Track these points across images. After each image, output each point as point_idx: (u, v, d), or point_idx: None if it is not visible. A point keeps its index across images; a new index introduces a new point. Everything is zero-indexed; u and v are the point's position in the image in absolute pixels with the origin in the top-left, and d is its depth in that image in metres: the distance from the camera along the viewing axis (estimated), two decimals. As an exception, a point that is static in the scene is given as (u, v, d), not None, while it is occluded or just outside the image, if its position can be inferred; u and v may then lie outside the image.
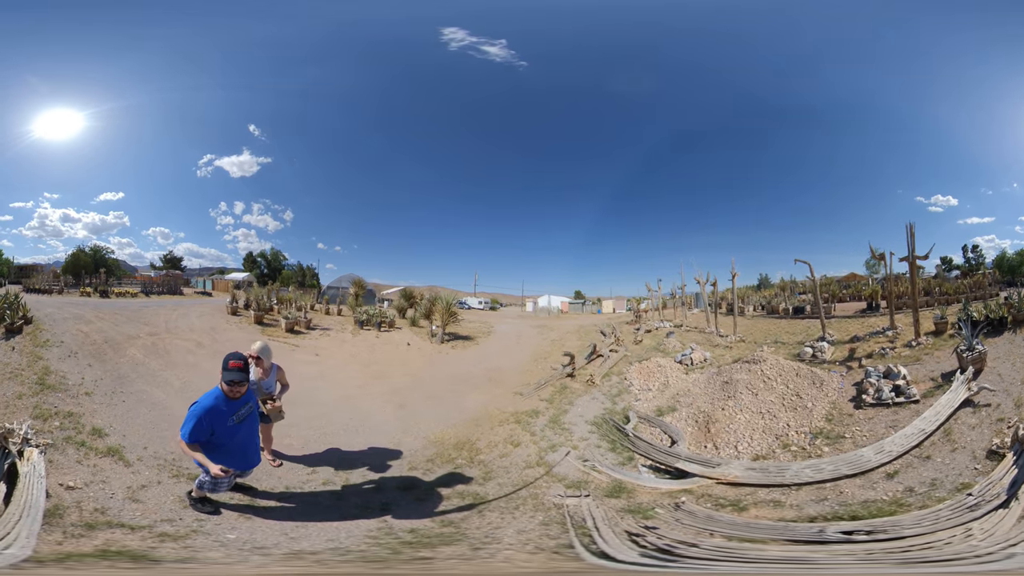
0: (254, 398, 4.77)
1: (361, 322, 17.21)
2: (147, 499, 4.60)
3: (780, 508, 4.87)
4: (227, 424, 4.30)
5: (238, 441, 4.45)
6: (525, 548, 4.03)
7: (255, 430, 4.78)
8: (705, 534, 4.20)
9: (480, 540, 4.20)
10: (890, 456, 5.48)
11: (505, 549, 4.01)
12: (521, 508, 4.97)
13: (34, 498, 3.70)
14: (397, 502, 5.06)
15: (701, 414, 7.94)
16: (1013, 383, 6.47)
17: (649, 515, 4.71)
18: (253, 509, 4.66)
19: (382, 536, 4.26)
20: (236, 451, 4.45)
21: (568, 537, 4.18)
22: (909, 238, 10.38)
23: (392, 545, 4.08)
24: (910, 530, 3.85)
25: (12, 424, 4.42)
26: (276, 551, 3.93)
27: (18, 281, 19.53)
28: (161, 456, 5.55)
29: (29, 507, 3.58)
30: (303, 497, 5.09)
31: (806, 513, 4.65)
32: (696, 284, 17.82)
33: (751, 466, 6.00)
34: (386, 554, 3.91)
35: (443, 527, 4.51)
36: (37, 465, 4.09)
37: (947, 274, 22.74)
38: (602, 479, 5.82)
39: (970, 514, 3.91)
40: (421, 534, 4.33)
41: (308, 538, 4.20)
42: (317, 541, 4.15)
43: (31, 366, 7.52)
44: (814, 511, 4.67)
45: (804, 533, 4.07)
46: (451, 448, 6.81)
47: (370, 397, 9.40)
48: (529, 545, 4.09)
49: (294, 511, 4.75)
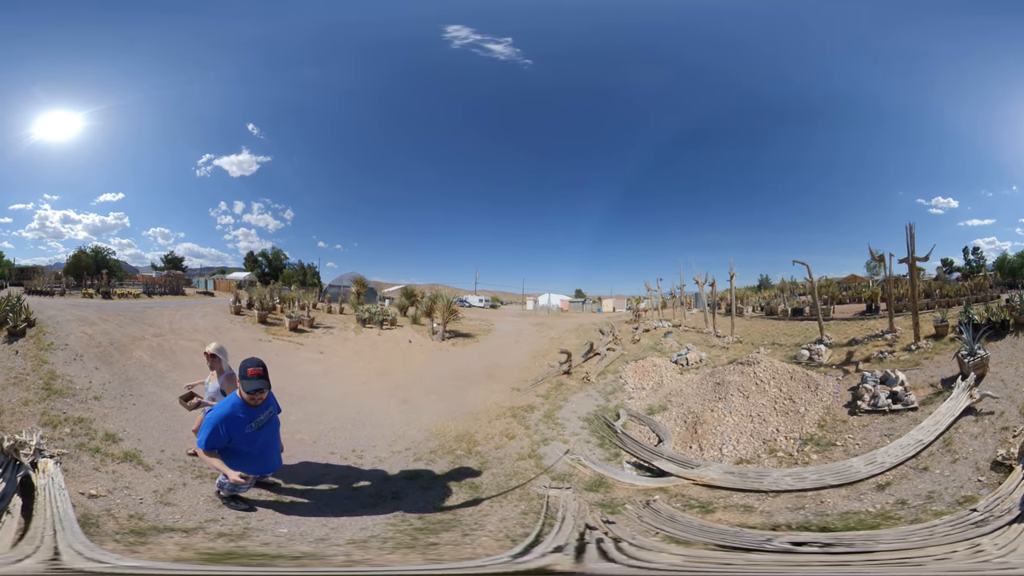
0: (274, 403, 4.71)
1: (363, 320, 17.31)
2: (179, 502, 4.60)
3: (749, 513, 4.84)
4: (245, 431, 4.26)
5: (257, 447, 4.42)
6: (498, 536, 4.30)
7: (275, 435, 4.75)
8: (651, 533, 4.30)
9: (470, 526, 4.52)
10: (881, 468, 5.32)
11: (483, 536, 4.29)
12: (508, 497, 5.29)
13: (61, 510, 3.66)
14: (405, 491, 5.36)
15: (690, 414, 8.01)
16: (1017, 389, 6.28)
17: (617, 510, 4.88)
18: (282, 504, 4.77)
19: (400, 524, 4.53)
20: (256, 457, 4.44)
21: (536, 527, 4.41)
22: (909, 240, 10.40)
23: (409, 532, 4.37)
24: (890, 544, 3.72)
25: (23, 435, 4.36)
26: (336, 540, 4.09)
27: (20, 283, 19.47)
28: (179, 458, 5.57)
29: (60, 519, 3.54)
30: (323, 491, 5.24)
31: (773, 520, 4.59)
32: (695, 284, 17.88)
33: (730, 470, 6.02)
34: (408, 540, 4.17)
35: (443, 514, 4.86)
36: (55, 476, 4.06)
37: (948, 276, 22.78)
38: (586, 473, 6.03)
39: (977, 530, 3.72)
40: (428, 520, 4.66)
41: (346, 528, 4.37)
42: (353, 530, 4.33)
43: (36, 370, 7.46)
44: (783, 519, 4.61)
45: (749, 541, 4.01)
46: (451, 440, 7.09)
47: (374, 393, 9.61)
48: (502, 534, 4.36)
49: (321, 504, 4.90)
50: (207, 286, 26.63)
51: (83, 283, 20.00)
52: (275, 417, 4.68)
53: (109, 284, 20.40)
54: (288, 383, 8.77)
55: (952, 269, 24.91)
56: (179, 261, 28.98)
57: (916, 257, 10.38)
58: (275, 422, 4.68)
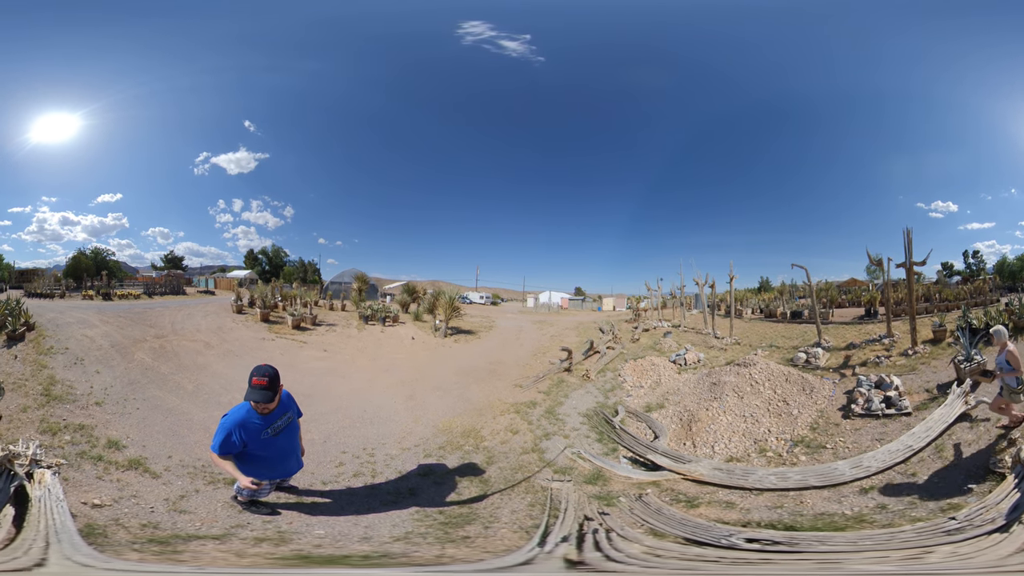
0: (294, 408, 4.61)
1: (366, 317, 17.37)
2: (194, 509, 4.49)
3: (729, 509, 4.99)
4: (261, 437, 4.15)
5: (276, 452, 4.33)
6: (514, 527, 4.48)
7: (295, 440, 4.63)
8: (638, 525, 4.44)
9: (487, 519, 4.69)
10: (867, 472, 5.36)
11: (502, 528, 4.47)
12: (516, 490, 5.50)
13: (58, 522, 3.55)
14: (421, 487, 5.48)
15: (686, 413, 8.16)
16: (1015, 396, 6.33)
17: (612, 503, 5.05)
18: (304, 506, 4.78)
19: (424, 519, 4.63)
20: (274, 462, 4.37)
21: (541, 519, 4.60)
22: (906, 244, 10.41)
23: (437, 526, 4.48)
24: (833, 546, 3.72)
25: (17, 446, 4.23)
26: (381, 538, 4.15)
27: (19, 286, 19.47)
28: (188, 464, 5.45)
29: (56, 531, 3.45)
30: (341, 491, 5.30)
31: (748, 517, 4.71)
32: (695, 285, 17.91)
33: (719, 466, 6.16)
34: (442, 534, 4.29)
35: (460, 508, 5.00)
36: (52, 487, 3.97)
37: (948, 280, 22.74)
38: (585, 466, 6.24)
39: (945, 537, 3.67)
40: (448, 515, 4.77)
41: (378, 525, 4.43)
42: (386, 527, 4.40)
43: (35, 375, 7.32)
44: (758, 517, 4.72)
45: (713, 536, 4.09)
46: (459, 436, 7.25)
47: (380, 390, 9.73)
48: (516, 525, 4.55)
49: (343, 503, 4.96)
50: (208, 285, 26.66)
51: (83, 285, 19.99)
52: (294, 422, 4.57)
53: (109, 285, 20.43)
54: (294, 382, 8.71)
55: (952, 273, 24.87)
56: (179, 260, 29.06)
57: (914, 262, 10.39)
58: (294, 427, 4.56)
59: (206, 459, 5.40)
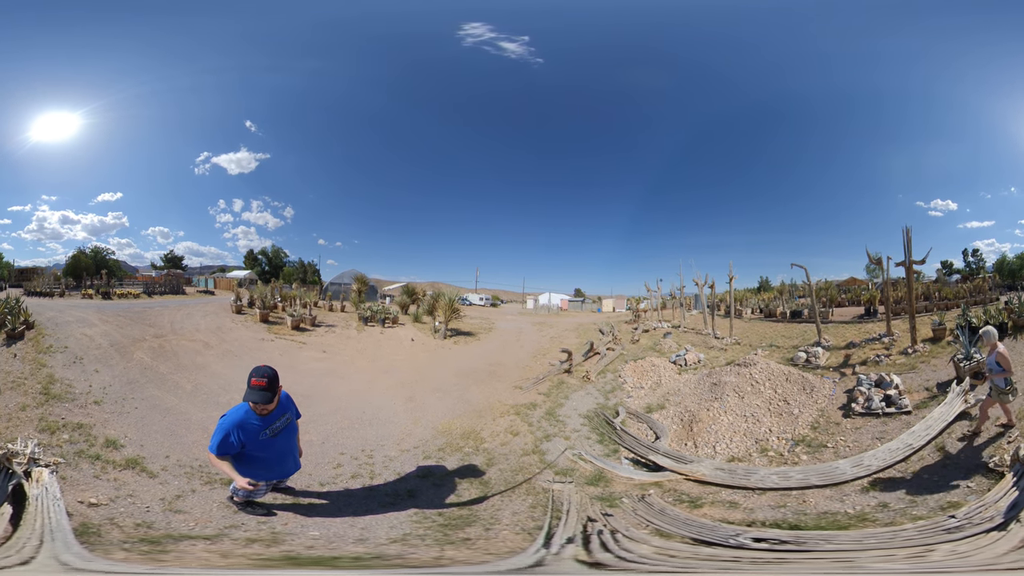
0: (293, 409, 4.61)
1: (365, 318, 17.36)
2: (190, 509, 4.47)
3: (733, 509, 4.97)
4: (259, 438, 4.13)
5: (274, 453, 4.31)
6: (515, 529, 4.46)
7: (293, 441, 4.61)
8: (642, 525, 4.42)
9: (488, 521, 4.66)
10: (868, 471, 5.39)
11: (504, 530, 4.44)
12: (516, 491, 5.45)
13: (54, 520, 3.55)
14: (420, 489, 5.44)
15: (687, 413, 8.14)
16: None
17: (615, 504, 5.01)
18: (301, 507, 4.75)
19: (423, 520, 4.60)
20: (272, 463, 4.36)
21: (544, 520, 4.58)
22: (906, 243, 10.42)
23: (436, 528, 4.45)
24: (840, 545, 3.72)
25: (15, 444, 4.23)
26: (377, 539, 4.13)
27: (19, 284, 19.45)
28: (186, 464, 5.45)
29: (51, 530, 3.45)
30: (338, 492, 5.27)
31: (753, 517, 4.69)
32: (695, 285, 17.92)
33: (720, 466, 6.15)
34: (442, 536, 4.26)
35: (460, 509, 4.96)
36: (49, 486, 3.97)
37: (947, 278, 22.75)
38: (587, 468, 6.21)
39: (946, 535, 3.70)
40: (447, 516, 4.73)
41: (376, 527, 4.40)
42: (384, 528, 4.37)
43: (34, 374, 7.31)
44: (762, 516, 4.71)
45: (720, 535, 4.09)
46: (458, 438, 7.20)
47: (379, 391, 9.69)
48: (517, 527, 4.52)
49: (341, 505, 4.93)
50: (207, 285, 26.64)
51: (83, 284, 19.97)
52: (293, 423, 4.55)
53: (109, 284, 20.39)
54: (293, 383, 8.68)
55: (952, 271, 24.87)
56: (179, 260, 29.08)
57: (913, 260, 10.40)
58: (293, 428, 4.55)
59: (203, 459, 5.36)
